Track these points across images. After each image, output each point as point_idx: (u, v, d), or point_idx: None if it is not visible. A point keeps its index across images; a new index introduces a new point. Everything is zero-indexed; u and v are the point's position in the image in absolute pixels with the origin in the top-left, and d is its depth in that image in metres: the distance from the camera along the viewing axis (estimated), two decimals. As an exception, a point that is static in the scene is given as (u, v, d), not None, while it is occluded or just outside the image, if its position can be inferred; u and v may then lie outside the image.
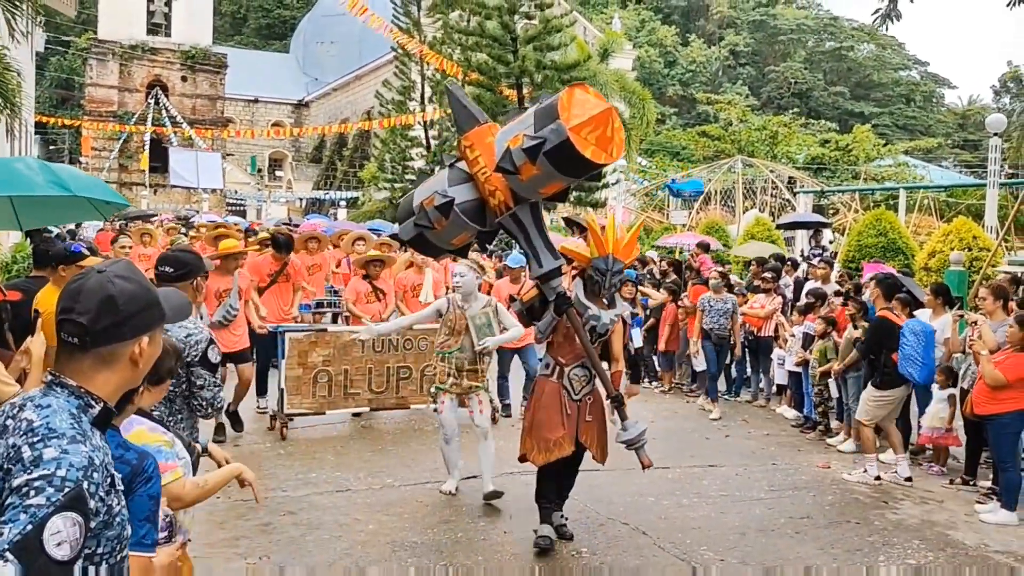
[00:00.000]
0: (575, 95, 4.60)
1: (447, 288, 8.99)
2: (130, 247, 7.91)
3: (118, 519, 1.76)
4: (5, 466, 1.66)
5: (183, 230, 18.45)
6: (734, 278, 12.07)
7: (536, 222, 5.11)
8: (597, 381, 5.52)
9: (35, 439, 1.66)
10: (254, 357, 8.58)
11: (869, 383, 7.59)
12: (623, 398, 5.40)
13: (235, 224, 17.37)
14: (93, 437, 1.75)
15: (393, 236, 11.12)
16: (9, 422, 1.74)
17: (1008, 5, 6.75)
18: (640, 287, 10.78)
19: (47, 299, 4.75)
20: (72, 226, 22.31)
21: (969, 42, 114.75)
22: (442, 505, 6.20)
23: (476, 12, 25.21)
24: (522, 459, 5.58)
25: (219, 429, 7.60)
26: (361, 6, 25.36)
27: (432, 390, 6.57)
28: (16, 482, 1.61)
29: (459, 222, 5.01)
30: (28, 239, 11.91)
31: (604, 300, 5.49)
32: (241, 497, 5.63)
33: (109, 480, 1.74)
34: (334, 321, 11.39)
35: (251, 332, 8.15)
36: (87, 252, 5.13)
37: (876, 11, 7.60)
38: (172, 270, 3.98)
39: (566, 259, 5.46)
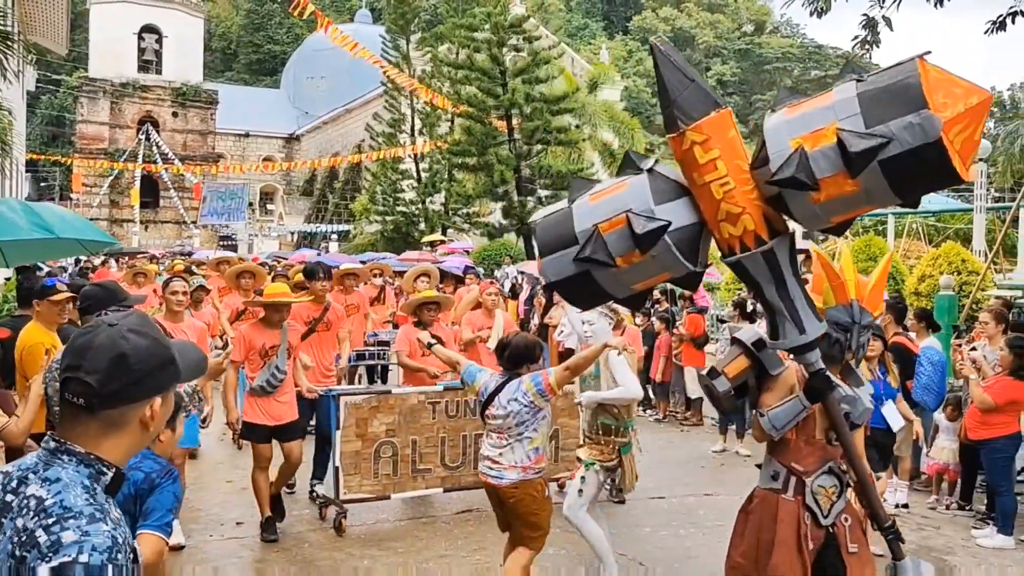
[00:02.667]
0: (930, 71, 3.00)
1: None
2: (183, 293, 6.21)
3: None
4: (18, 553, 1.50)
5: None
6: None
7: (793, 265, 3.42)
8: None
9: (50, 521, 1.50)
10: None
11: None
12: (898, 528, 3.71)
13: (236, 257, 16.76)
14: (111, 511, 1.60)
15: (546, 287, 9.02)
16: (11, 498, 1.58)
17: (985, 33, 6.89)
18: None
19: (29, 336, 4.86)
20: (71, 262, 22.29)
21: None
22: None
23: (465, 45, 25.49)
24: None
25: (268, 525, 6.08)
26: (350, 41, 25.63)
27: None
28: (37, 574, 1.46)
29: (666, 259, 3.34)
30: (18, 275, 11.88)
31: (838, 370, 3.83)
32: None
33: (132, 555, 1.59)
34: (371, 376, 10.01)
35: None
36: (63, 287, 5.10)
37: (855, 37, 7.72)
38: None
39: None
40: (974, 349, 6.94)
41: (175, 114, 46.51)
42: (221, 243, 41.80)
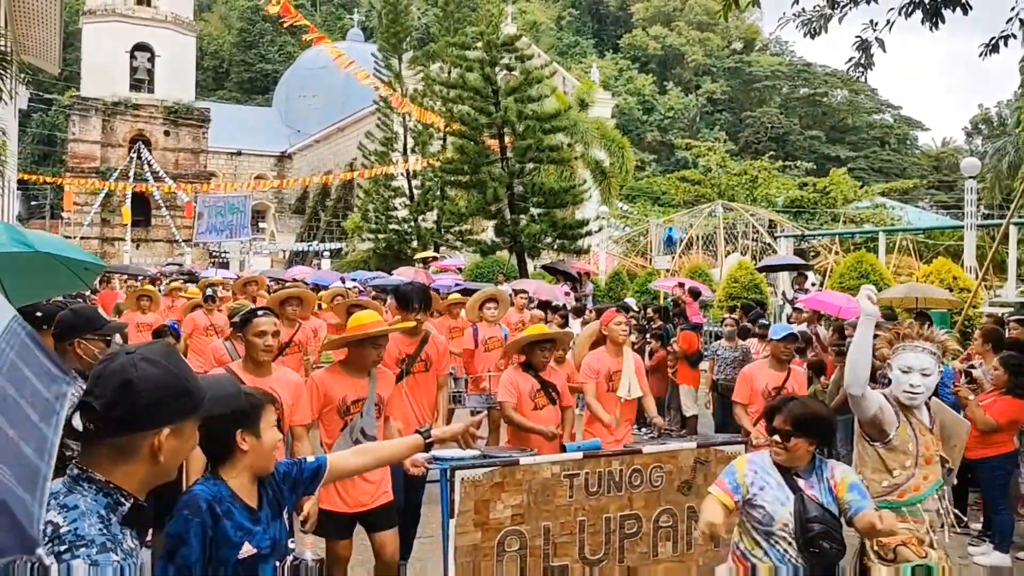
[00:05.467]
0: None
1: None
2: (273, 335, 4.54)
3: None
4: None
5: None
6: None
7: None
8: None
9: (61, 548, 1.54)
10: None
11: None
12: None
13: (225, 276, 16.48)
14: (124, 541, 1.63)
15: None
16: None
17: (980, 55, 6.94)
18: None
19: None
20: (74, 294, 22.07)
21: (940, 85, 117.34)
22: None
23: (457, 64, 25.62)
24: None
25: None
26: (345, 58, 25.76)
27: None
28: None
29: None
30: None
31: None
32: None
33: None
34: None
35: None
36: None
37: (850, 59, 7.74)
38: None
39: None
40: (972, 367, 6.95)
41: (167, 133, 46.51)
42: (213, 261, 41.71)
